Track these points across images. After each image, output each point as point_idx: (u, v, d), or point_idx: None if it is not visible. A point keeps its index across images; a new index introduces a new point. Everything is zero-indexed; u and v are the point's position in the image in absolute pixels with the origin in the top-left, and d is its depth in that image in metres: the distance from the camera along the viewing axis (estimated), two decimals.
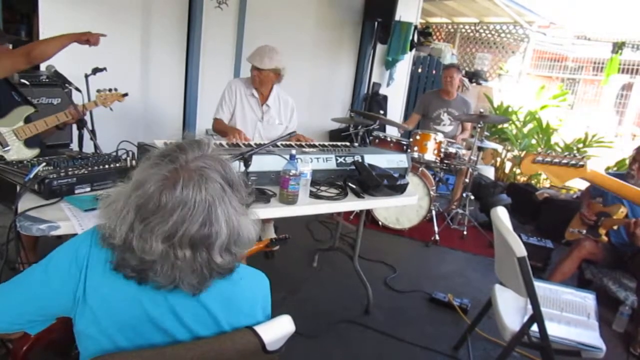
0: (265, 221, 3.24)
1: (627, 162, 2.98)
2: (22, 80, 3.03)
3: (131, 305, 0.89)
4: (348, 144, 2.79)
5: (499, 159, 6.45)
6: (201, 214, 0.82)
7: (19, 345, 1.04)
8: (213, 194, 0.84)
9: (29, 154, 2.15)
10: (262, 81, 2.92)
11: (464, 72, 4.65)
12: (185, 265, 0.83)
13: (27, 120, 2.22)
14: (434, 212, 4.01)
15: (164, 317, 0.90)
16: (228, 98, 2.95)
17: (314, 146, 2.53)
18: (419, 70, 7.03)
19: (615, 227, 2.88)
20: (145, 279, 0.85)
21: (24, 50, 2.11)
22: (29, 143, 2.19)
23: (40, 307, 0.92)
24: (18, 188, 1.51)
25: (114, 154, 1.90)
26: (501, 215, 2.01)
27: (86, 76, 2.85)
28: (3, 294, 0.93)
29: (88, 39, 2.28)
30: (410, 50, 5.75)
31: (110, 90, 2.40)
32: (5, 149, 2.10)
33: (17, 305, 0.92)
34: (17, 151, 2.13)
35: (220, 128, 2.91)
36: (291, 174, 1.86)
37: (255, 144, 2.36)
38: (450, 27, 9.14)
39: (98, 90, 2.40)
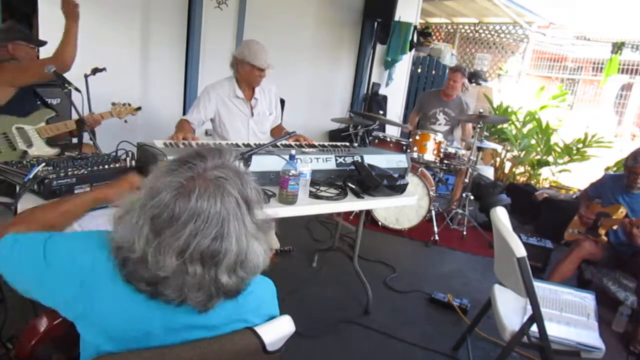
0: None
1: (625, 174, 2.94)
2: None
3: (138, 323, 0.87)
4: (348, 144, 2.79)
5: (498, 159, 6.46)
6: (214, 227, 0.80)
7: (27, 338, 1.04)
8: (228, 208, 0.82)
9: (50, 152, 2.29)
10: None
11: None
12: (195, 282, 0.82)
13: (48, 122, 2.38)
14: (433, 212, 4.01)
15: (170, 337, 0.90)
16: (203, 106, 2.79)
17: (313, 146, 2.52)
18: (419, 70, 7.03)
19: (614, 227, 2.89)
20: (155, 294, 0.84)
21: (57, 57, 2.27)
22: (50, 142, 2.35)
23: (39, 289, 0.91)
24: (18, 188, 1.51)
25: (114, 154, 1.90)
26: (501, 215, 2.01)
27: (86, 76, 2.85)
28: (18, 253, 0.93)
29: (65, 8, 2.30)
30: (410, 50, 5.75)
31: (124, 104, 2.55)
32: (28, 144, 2.25)
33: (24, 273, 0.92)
34: (39, 148, 2.27)
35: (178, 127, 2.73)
36: (291, 174, 1.86)
37: (255, 144, 2.35)
38: (449, 27, 9.14)
39: (113, 103, 2.54)
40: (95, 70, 2.81)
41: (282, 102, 4.25)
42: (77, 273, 0.87)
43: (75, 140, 2.47)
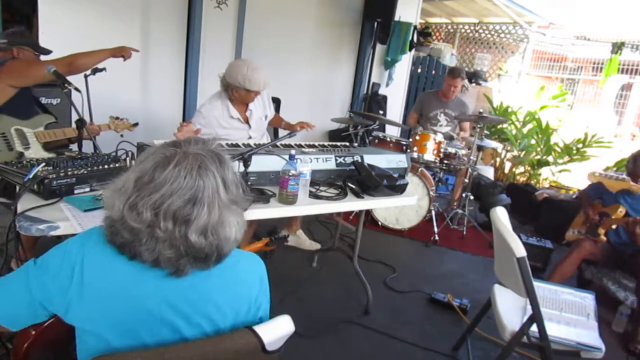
0: (290, 228, 3.33)
1: (627, 174, 2.93)
2: None
3: (127, 299, 0.91)
4: (347, 144, 2.79)
5: (498, 159, 6.46)
6: (187, 191, 0.88)
7: (21, 341, 1.04)
8: (204, 179, 0.90)
9: (46, 156, 2.26)
10: None
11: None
12: (166, 238, 0.88)
13: (47, 127, 2.41)
14: (433, 212, 4.01)
15: (159, 307, 0.93)
16: (202, 127, 2.68)
17: (313, 146, 2.53)
18: (419, 70, 7.03)
19: (614, 227, 2.89)
20: (134, 253, 0.90)
21: (67, 61, 2.28)
22: (47, 147, 2.37)
23: (33, 304, 0.94)
24: (17, 188, 1.51)
25: (113, 154, 1.91)
26: (500, 215, 2.01)
27: (85, 76, 2.86)
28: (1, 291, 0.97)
29: (123, 54, 2.47)
30: (410, 50, 5.75)
31: (122, 119, 2.60)
32: (26, 146, 2.26)
33: (13, 303, 0.95)
34: (36, 152, 2.28)
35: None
36: (290, 174, 1.86)
37: (255, 144, 2.35)
38: (449, 27, 9.14)
39: (111, 117, 2.59)
40: (95, 70, 2.81)
41: (278, 100, 4.26)
42: (70, 258, 0.92)
43: (72, 146, 2.48)
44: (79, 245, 0.94)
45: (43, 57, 2.54)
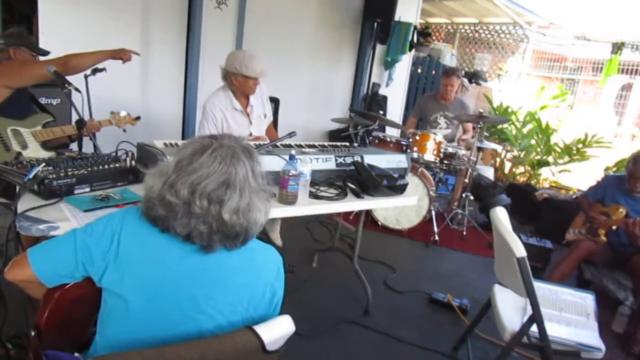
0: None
1: (627, 178, 2.93)
2: None
3: (153, 264, 1.02)
4: (348, 144, 2.79)
5: (498, 159, 6.46)
6: (222, 175, 1.00)
7: (43, 307, 1.09)
8: (236, 167, 1.02)
9: (45, 155, 2.27)
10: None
11: (463, 72, 4.62)
12: (202, 214, 0.99)
13: (45, 126, 2.40)
14: (433, 213, 4.01)
15: (181, 277, 1.02)
16: (212, 124, 2.78)
17: (313, 146, 2.52)
18: (419, 70, 7.03)
19: (614, 228, 2.88)
20: (167, 226, 1.01)
21: (61, 61, 2.26)
22: (46, 146, 2.36)
23: (75, 263, 1.06)
24: (17, 188, 1.51)
25: (114, 154, 1.90)
26: (501, 215, 2.01)
27: (86, 77, 2.86)
28: (48, 248, 1.10)
29: (122, 56, 2.46)
30: (410, 50, 5.74)
31: (123, 115, 2.61)
32: (23, 146, 2.26)
33: (59, 259, 1.08)
34: (34, 151, 2.28)
35: None
36: (291, 174, 1.86)
37: (255, 144, 2.35)
38: (449, 27, 9.14)
39: (112, 112, 2.61)
40: (95, 71, 2.81)
41: (277, 100, 4.25)
42: (112, 226, 1.05)
43: (72, 144, 2.48)
44: (121, 216, 1.08)
45: (41, 58, 2.53)
